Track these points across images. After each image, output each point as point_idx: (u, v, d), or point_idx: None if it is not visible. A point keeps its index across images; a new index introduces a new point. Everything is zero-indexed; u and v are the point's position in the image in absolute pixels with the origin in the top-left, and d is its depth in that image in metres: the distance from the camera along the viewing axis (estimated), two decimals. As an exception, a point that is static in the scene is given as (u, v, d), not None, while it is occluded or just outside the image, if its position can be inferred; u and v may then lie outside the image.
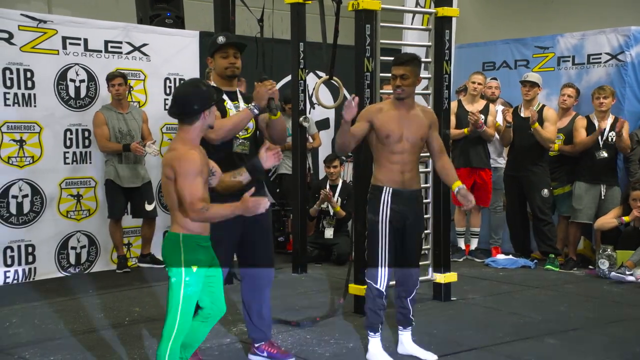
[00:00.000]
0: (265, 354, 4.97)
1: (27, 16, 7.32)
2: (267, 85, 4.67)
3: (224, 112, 4.67)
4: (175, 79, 8.17)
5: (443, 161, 5.02)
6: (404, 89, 4.77)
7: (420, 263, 6.69)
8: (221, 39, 4.80)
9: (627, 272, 7.35)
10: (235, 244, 4.80)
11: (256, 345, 4.97)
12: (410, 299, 4.97)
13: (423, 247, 7.01)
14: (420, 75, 6.00)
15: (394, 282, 5.09)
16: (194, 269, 3.90)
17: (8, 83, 7.17)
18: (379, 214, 4.76)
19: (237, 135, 4.67)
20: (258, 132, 4.90)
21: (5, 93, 7.13)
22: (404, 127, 4.76)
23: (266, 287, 5.01)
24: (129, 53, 7.92)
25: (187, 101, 3.92)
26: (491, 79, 8.78)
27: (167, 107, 8.11)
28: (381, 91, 6.52)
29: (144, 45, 7.99)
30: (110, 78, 7.45)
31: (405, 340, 5.00)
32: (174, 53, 8.19)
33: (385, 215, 4.74)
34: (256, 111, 4.64)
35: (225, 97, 4.73)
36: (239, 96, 4.86)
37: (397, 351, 5.01)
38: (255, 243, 4.89)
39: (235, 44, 4.81)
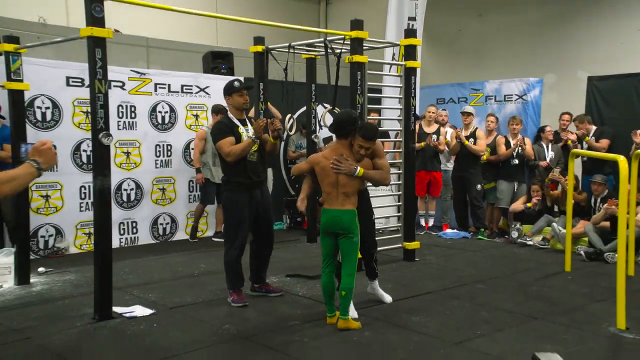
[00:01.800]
0: (263, 290, 5.12)
1: (134, 71, 7.58)
2: (260, 122, 4.74)
3: (238, 136, 4.79)
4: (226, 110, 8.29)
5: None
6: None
7: (394, 236, 6.83)
8: (237, 84, 4.84)
9: (528, 239, 7.60)
10: (252, 220, 4.90)
11: (256, 285, 5.10)
12: (373, 260, 4.92)
13: (396, 224, 7.07)
14: (395, 107, 6.00)
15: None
16: None
17: (120, 115, 7.42)
18: None
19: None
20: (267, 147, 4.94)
21: (118, 121, 7.37)
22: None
23: (268, 253, 5.11)
24: (197, 92, 8.06)
25: (344, 125, 4.31)
26: (442, 110, 8.87)
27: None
28: (368, 117, 6.61)
29: (207, 87, 8.13)
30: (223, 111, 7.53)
31: (373, 287, 5.02)
32: (226, 92, 8.32)
33: None
34: (256, 140, 4.72)
35: (239, 124, 4.85)
36: (248, 122, 4.91)
37: (367, 291, 5.04)
38: (263, 221, 4.97)
39: (247, 87, 4.90)
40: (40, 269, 6.11)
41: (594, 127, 8.09)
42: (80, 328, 4.37)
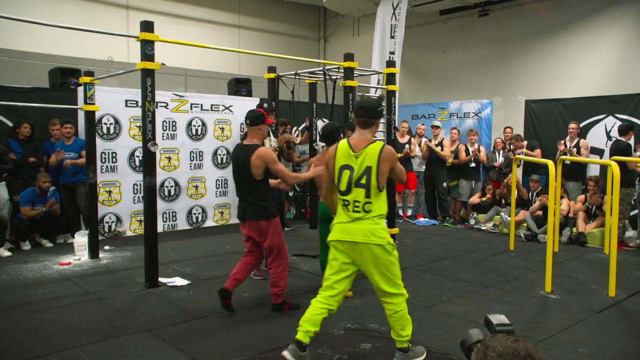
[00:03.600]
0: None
1: (175, 94, 7.55)
2: (285, 137, 4.81)
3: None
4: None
5: None
6: None
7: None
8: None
9: (482, 225, 7.58)
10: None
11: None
12: None
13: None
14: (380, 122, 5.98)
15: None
16: None
17: (164, 128, 7.36)
18: None
19: None
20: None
21: (162, 133, 7.32)
22: None
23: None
24: (223, 110, 7.97)
25: (332, 133, 4.18)
26: (421, 124, 8.79)
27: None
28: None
29: (231, 106, 8.03)
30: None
31: None
32: (245, 110, 7.89)
33: None
34: (277, 148, 4.73)
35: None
36: (271, 134, 4.92)
37: None
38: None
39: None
40: (106, 247, 6.15)
41: (525, 142, 8.07)
42: (135, 293, 4.40)
